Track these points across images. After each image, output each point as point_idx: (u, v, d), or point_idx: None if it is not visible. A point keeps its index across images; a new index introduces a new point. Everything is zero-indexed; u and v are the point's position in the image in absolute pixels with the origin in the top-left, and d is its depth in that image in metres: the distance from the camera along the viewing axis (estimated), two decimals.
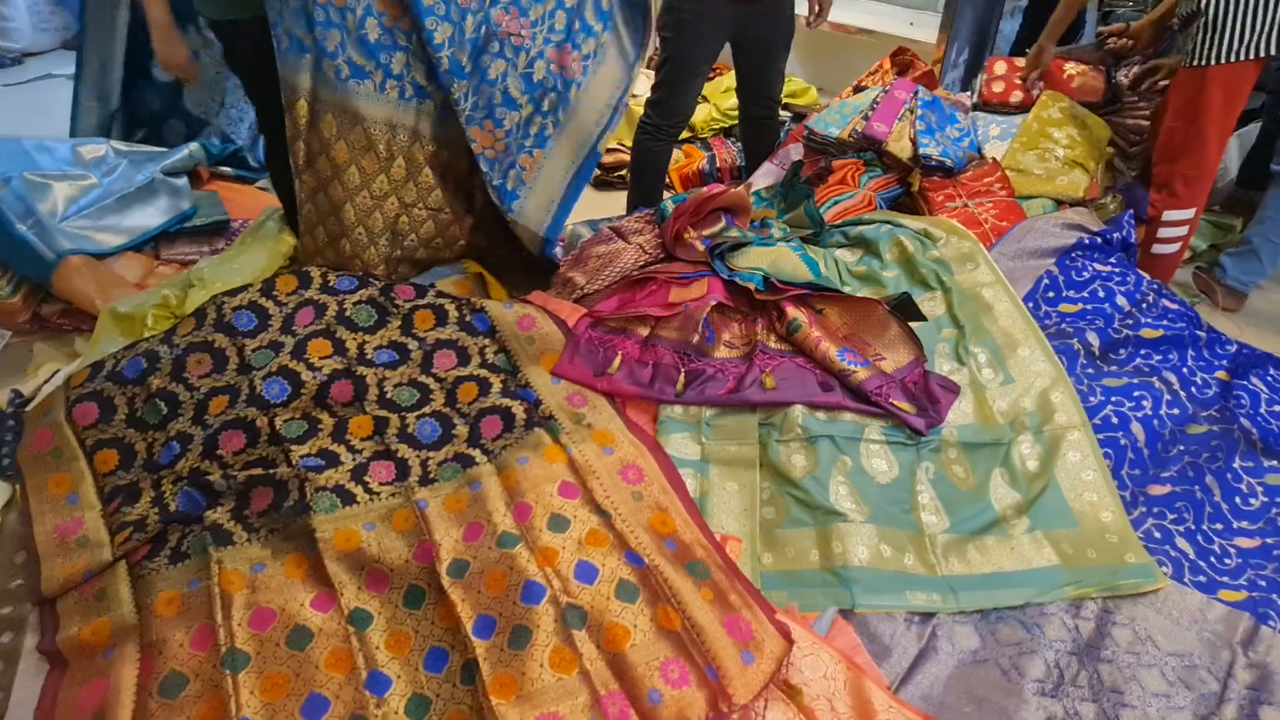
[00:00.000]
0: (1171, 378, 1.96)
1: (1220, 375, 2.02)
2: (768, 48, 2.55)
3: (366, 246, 2.04)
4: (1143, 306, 2.14)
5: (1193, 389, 1.97)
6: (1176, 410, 1.90)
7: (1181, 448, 1.83)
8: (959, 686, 1.38)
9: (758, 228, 2.35)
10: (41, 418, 1.71)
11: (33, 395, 1.84)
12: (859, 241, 2.27)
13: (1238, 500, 1.74)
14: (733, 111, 3.38)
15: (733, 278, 2.00)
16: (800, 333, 1.88)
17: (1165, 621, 1.49)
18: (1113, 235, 2.29)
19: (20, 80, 4.04)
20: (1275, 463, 1.81)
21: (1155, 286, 2.21)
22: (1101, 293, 2.15)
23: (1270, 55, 2.21)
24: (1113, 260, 2.25)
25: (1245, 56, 2.20)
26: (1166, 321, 2.10)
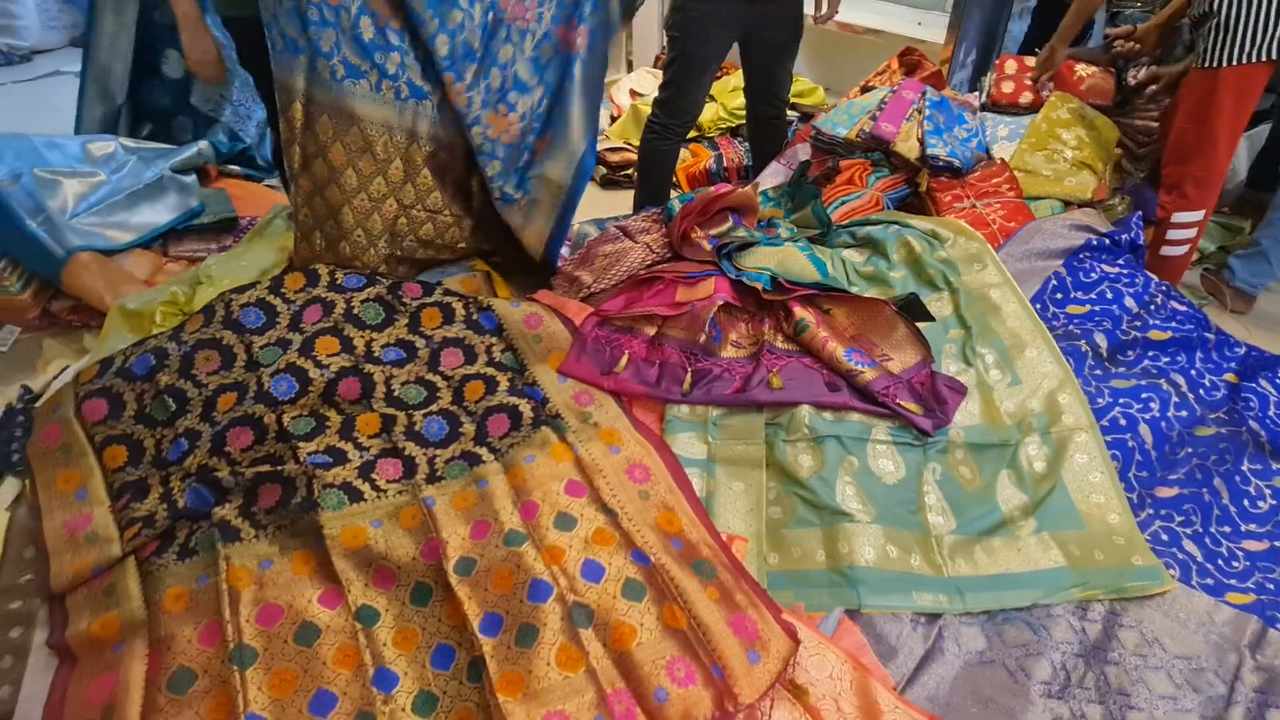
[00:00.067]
0: (1180, 380, 1.96)
1: (1229, 377, 2.01)
2: (776, 47, 2.55)
3: (366, 249, 2.02)
4: (1151, 308, 2.14)
5: (1201, 391, 1.96)
6: (1185, 412, 1.89)
7: (1189, 450, 1.82)
8: (965, 687, 1.38)
9: (765, 227, 2.35)
10: (50, 414, 1.72)
11: (42, 391, 1.84)
12: (866, 242, 2.27)
13: (1246, 503, 1.73)
14: (740, 111, 3.38)
15: (740, 277, 2.00)
16: (807, 333, 1.88)
17: (1172, 624, 1.49)
18: (1121, 237, 2.28)
19: (29, 77, 4.07)
20: None
21: (1164, 288, 2.20)
22: (1109, 294, 2.15)
23: None
24: (1121, 262, 2.24)
25: (1257, 58, 2.19)
26: (1175, 323, 2.10)
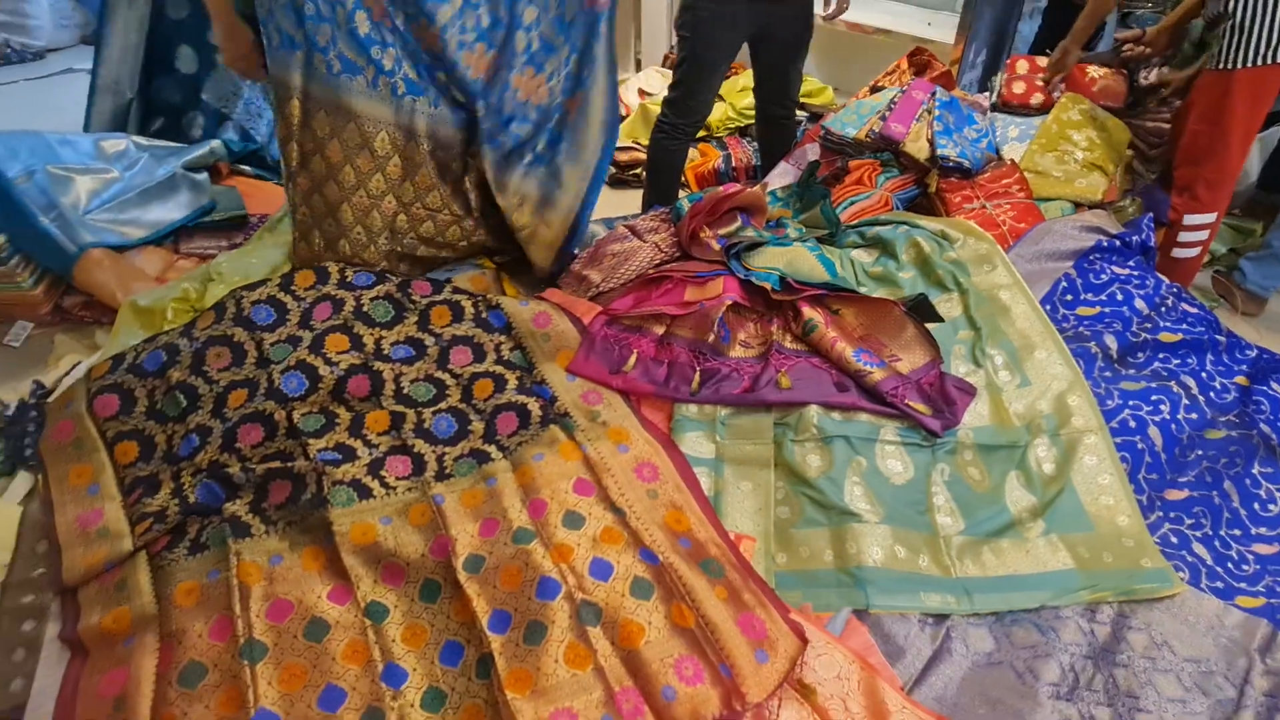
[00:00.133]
0: (1190, 382, 1.95)
1: (1240, 380, 2.01)
2: (787, 48, 2.54)
3: (366, 246, 2.01)
4: (1161, 310, 2.13)
5: (1211, 394, 1.96)
6: (1195, 415, 1.89)
7: (1200, 453, 1.82)
8: (973, 688, 1.38)
9: (773, 227, 2.35)
10: (63, 409, 1.73)
11: (54, 386, 1.85)
12: (875, 242, 2.27)
13: (1256, 506, 1.73)
14: (749, 111, 3.37)
15: (749, 277, 2.00)
16: (816, 333, 1.88)
17: (1182, 627, 1.49)
18: (1131, 238, 2.28)
19: (41, 75, 4.09)
20: None
21: (1174, 290, 2.20)
22: (1120, 296, 2.14)
23: None
24: (1131, 263, 2.24)
25: (1273, 60, 2.18)
26: (1185, 325, 2.09)
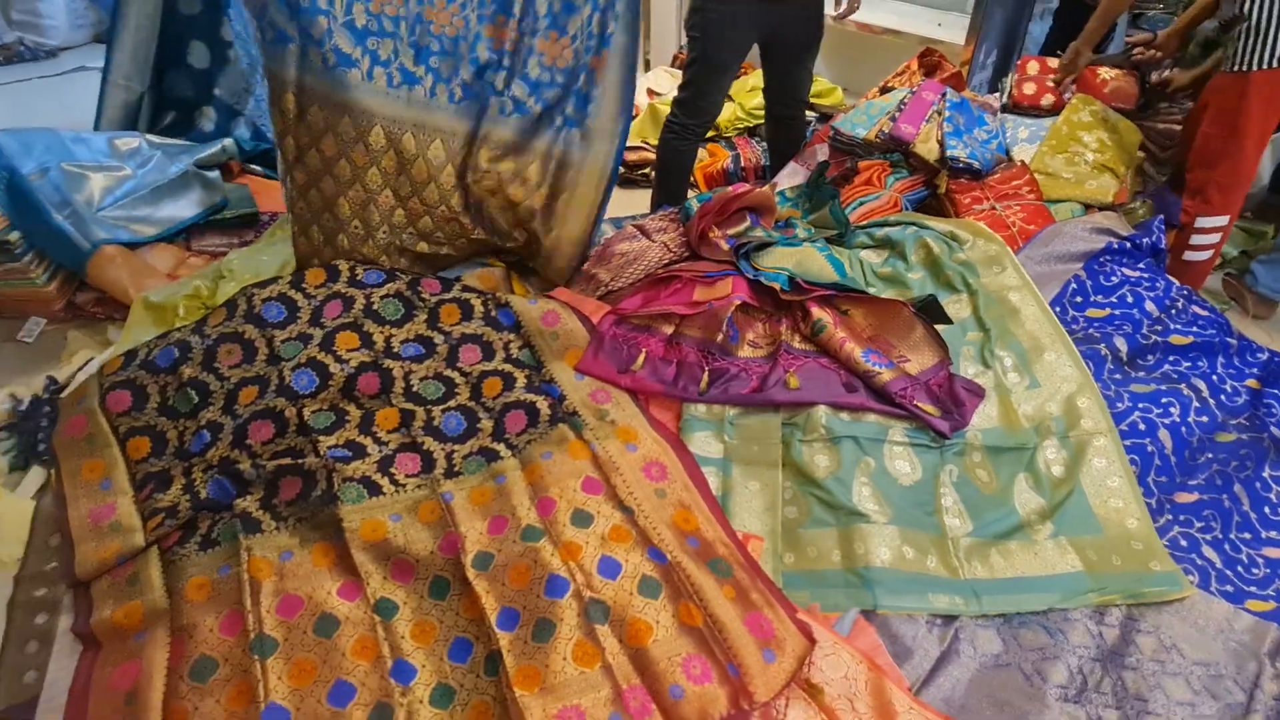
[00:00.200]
0: (1201, 385, 1.94)
1: (1250, 383, 2.00)
2: (797, 48, 2.54)
3: (364, 240, 2.01)
4: (1172, 313, 2.12)
5: (1222, 397, 1.95)
6: (1205, 418, 1.88)
7: (1210, 456, 1.81)
8: (981, 690, 1.38)
9: (782, 227, 2.35)
10: (76, 405, 1.74)
11: (67, 382, 1.87)
12: (884, 243, 2.26)
13: (1267, 510, 1.72)
14: (758, 111, 3.37)
15: (758, 277, 2.00)
16: (825, 333, 1.88)
17: (1191, 630, 1.48)
18: (1142, 240, 2.27)
19: (54, 73, 4.12)
20: None
21: (1185, 292, 2.19)
22: (1130, 298, 2.13)
23: None
24: (1142, 265, 2.23)
25: None
26: (1196, 328, 2.08)
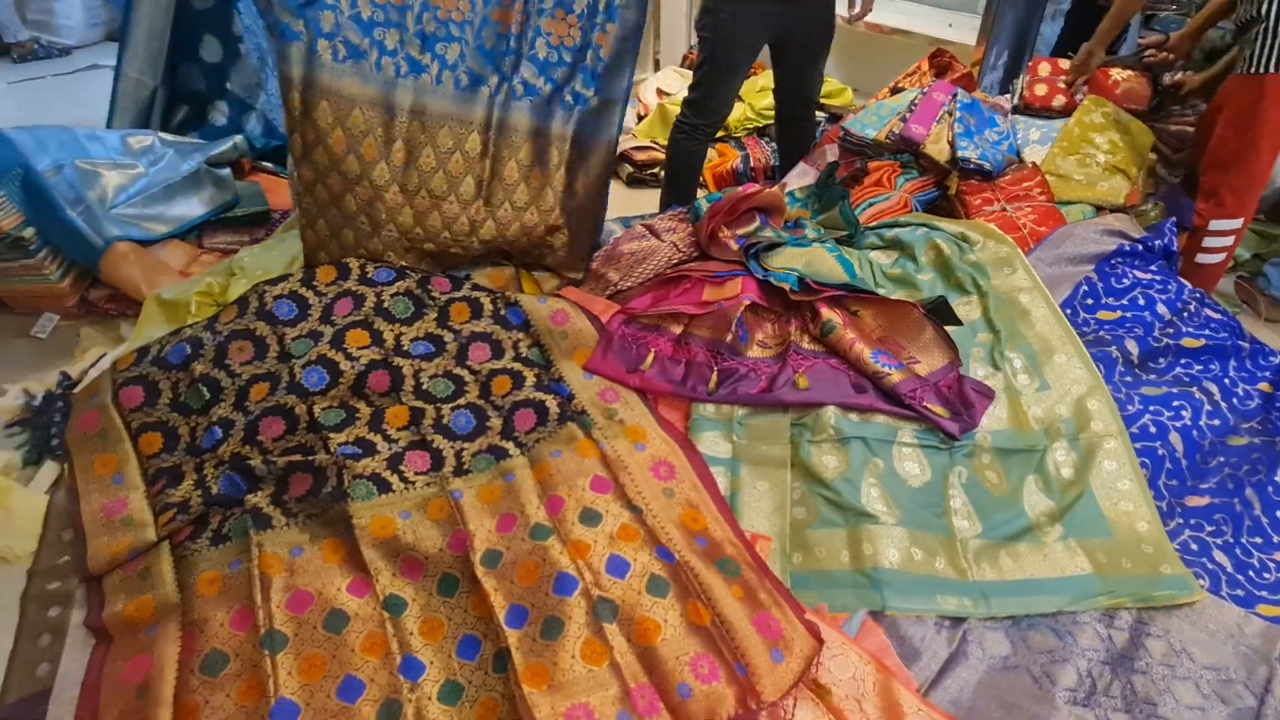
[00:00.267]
0: (1212, 388, 1.93)
1: (1263, 387, 1.98)
2: (808, 49, 2.54)
3: (370, 236, 2.02)
4: (1184, 315, 2.11)
5: (1234, 400, 1.94)
6: (1217, 421, 1.87)
7: (1221, 459, 1.80)
8: (989, 692, 1.37)
9: (792, 228, 2.35)
10: (89, 400, 1.76)
11: (80, 378, 1.88)
12: (894, 244, 2.26)
13: (1278, 514, 1.71)
14: (767, 111, 3.37)
15: (767, 278, 2.00)
16: (834, 334, 1.88)
17: (1201, 634, 1.47)
18: (1154, 243, 2.26)
19: (68, 70, 4.15)
20: None
21: (1197, 295, 2.18)
22: (1142, 300, 2.12)
23: None
24: (1153, 268, 2.22)
25: None
26: (1208, 331, 2.07)
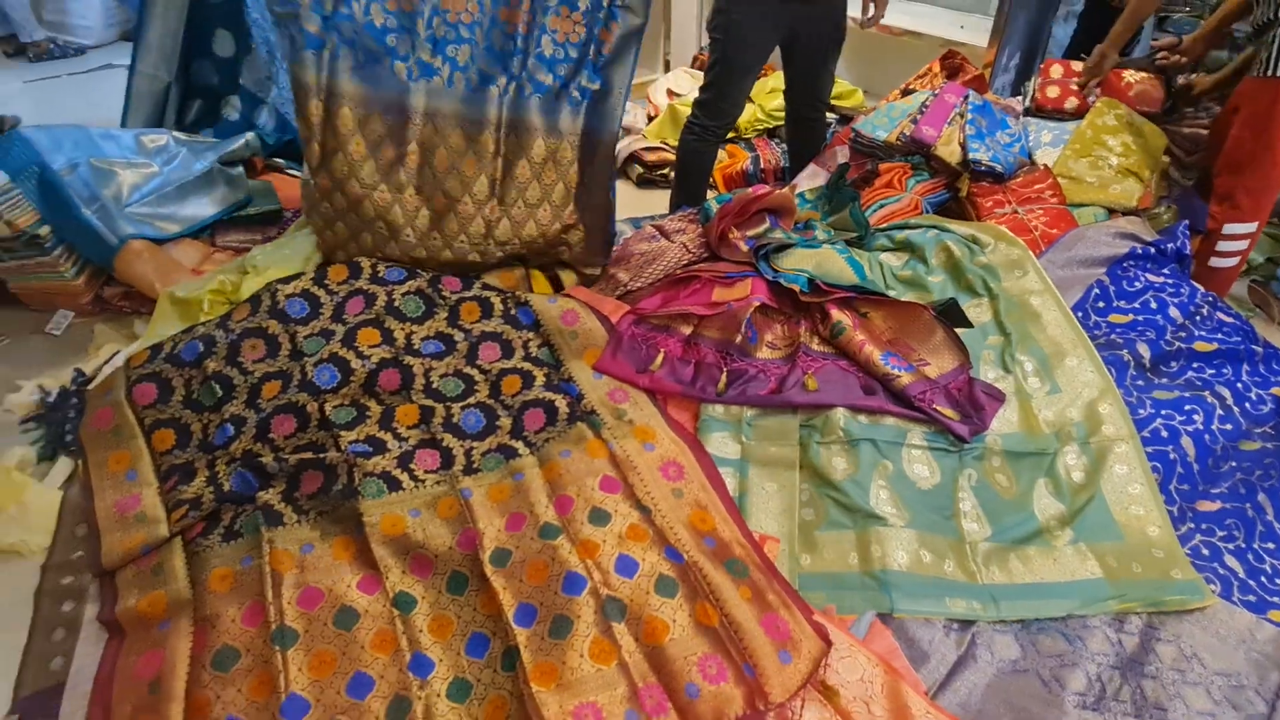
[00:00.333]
0: (1225, 392, 1.92)
1: (1275, 391, 1.97)
2: (819, 50, 2.54)
3: (388, 240, 2.04)
4: (1196, 319, 2.10)
5: (1246, 405, 1.93)
6: (1229, 426, 1.86)
7: (1233, 464, 1.79)
8: (998, 696, 1.37)
9: (802, 229, 2.35)
10: (103, 397, 1.77)
11: (94, 375, 1.90)
12: (905, 245, 2.26)
13: None
14: (778, 112, 3.36)
15: (777, 279, 2.00)
16: (844, 335, 1.88)
17: (1212, 640, 1.47)
18: (1166, 246, 2.25)
19: (82, 70, 4.19)
20: None
21: (1210, 299, 2.16)
22: (1154, 304, 2.11)
23: None
24: (1166, 271, 2.21)
25: None
26: (1221, 335, 2.06)
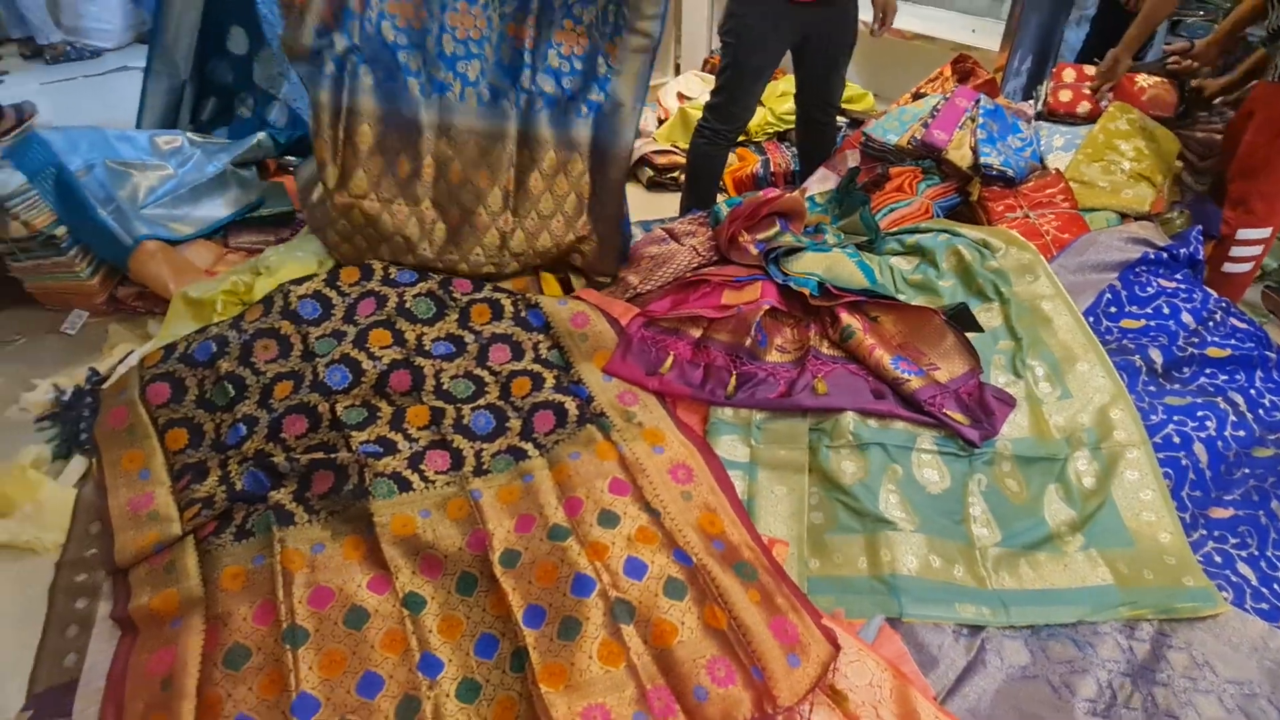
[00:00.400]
0: (1238, 398, 1.91)
1: None
2: (830, 53, 2.54)
3: (405, 253, 2.06)
4: (1209, 325, 2.09)
5: (1260, 411, 1.91)
6: (1242, 432, 1.84)
7: (1246, 471, 1.78)
8: (1007, 701, 1.37)
9: (812, 233, 2.35)
10: (117, 396, 1.79)
11: (108, 374, 1.92)
12: (915, 250, 2.25)
13: None
14: (788, 116, 3.36)
15: (787, 282, 2.00)
16: (854, 339, 1.88)
17: (1224, 648, 1.46)
18: (1179, 251, 2.23)
19: (98, 72, 4.23)
20: None
21: (1223, 304, 2.15)
22: (1166, 309, 2.10)
23: None
24: (1179, 276, 2.19)
25: None
26: (1234, 341, 2.04)
